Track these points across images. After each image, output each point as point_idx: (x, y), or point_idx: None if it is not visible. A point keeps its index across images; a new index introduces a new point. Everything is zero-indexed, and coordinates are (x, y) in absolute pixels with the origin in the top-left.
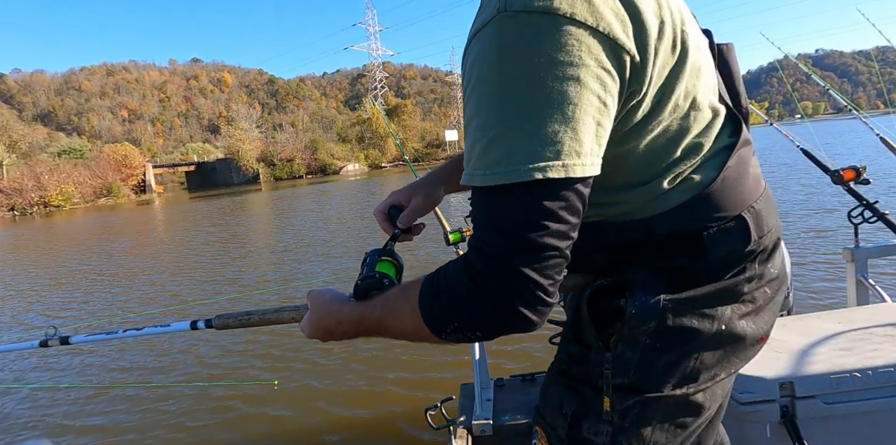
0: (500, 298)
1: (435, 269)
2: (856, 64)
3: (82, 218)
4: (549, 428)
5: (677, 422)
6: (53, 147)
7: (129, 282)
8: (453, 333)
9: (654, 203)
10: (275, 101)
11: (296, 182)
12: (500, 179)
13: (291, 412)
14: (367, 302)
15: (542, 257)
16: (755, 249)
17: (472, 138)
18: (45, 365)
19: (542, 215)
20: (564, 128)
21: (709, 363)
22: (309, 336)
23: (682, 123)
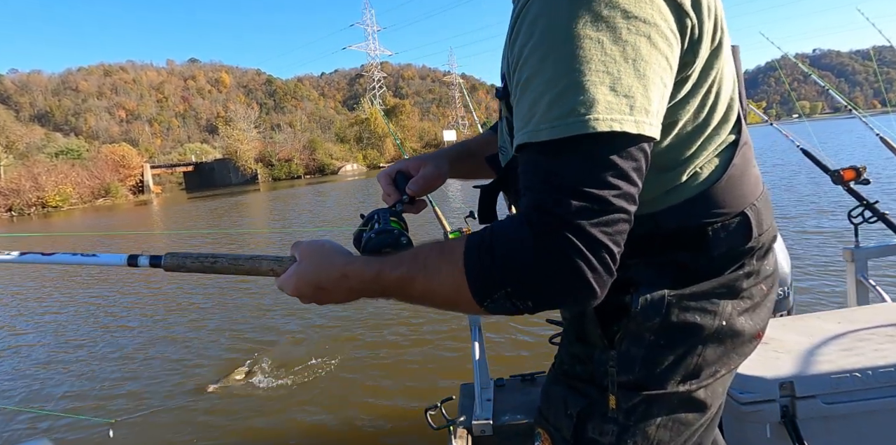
0: (567, 262)
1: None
2: (853, 64)
3: (80, 218)
4: (554, 429)
5: (681, 420)
6: (51, 147)
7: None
8: (501, 300)
9: (666, 196)
10: (273, 102)
11: (294, 182)
12: (573, 130)
13: (292, 412)
14: (386, 258)
15: (613, 220)
16: (755, 246)
17: (534, 94)
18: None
19: (614, 174)
20: (637, 84)
21: (710, 359)
22: (292, 291)
23: (710, 112)
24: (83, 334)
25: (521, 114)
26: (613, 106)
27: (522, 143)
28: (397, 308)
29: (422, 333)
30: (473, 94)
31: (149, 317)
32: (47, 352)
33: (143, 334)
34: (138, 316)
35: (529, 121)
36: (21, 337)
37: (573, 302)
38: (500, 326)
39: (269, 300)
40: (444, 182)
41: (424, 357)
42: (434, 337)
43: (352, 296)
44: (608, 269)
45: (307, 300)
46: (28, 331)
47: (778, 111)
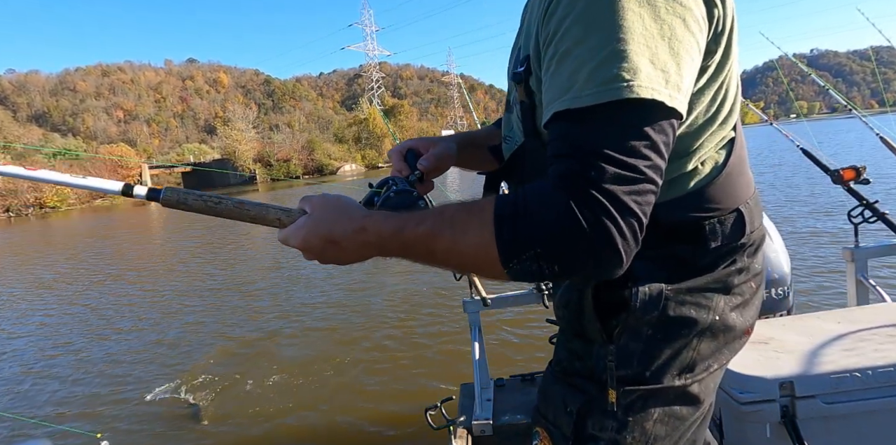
0: (599, 227)
1: (500, 195)
2: (850, 64)
3: (78, 219)
4: (553, 427)
5: (676, 415)
6: (49, 148)
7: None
8: (527, 262)
9: (668, 188)
10: (271, 102)
11: (293, 182)
12: (615, 95)
13: (291, 414)
14: (408, 214)
15: (644, 190)
16: (746, 242)
17: (575, 63)
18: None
19: (647, 145)
20: (671, 61)
21: (705, 353)
22: (299, 243)
23: (719, 106)
24: (74, 338)
25: (557, 84)
26: (652, 77)
27: (560, 111)
28: (397, 308)
29: (421, 333)
30: (472, 95)
31: (143, 320)
32: (36, 357)
33: (136, 338)
34: (132, 320)
35: (570, 89)
36: (14, 342)
37: (599, 268)
38: (501, 326)
39: (266, 302)
40: (452, 163)
41: (424, 357)
42: (434, 337)
43: (364, 253)
44: (636, 238)
45: (312, 255)
46: (20, 335)
47: (776, 111)
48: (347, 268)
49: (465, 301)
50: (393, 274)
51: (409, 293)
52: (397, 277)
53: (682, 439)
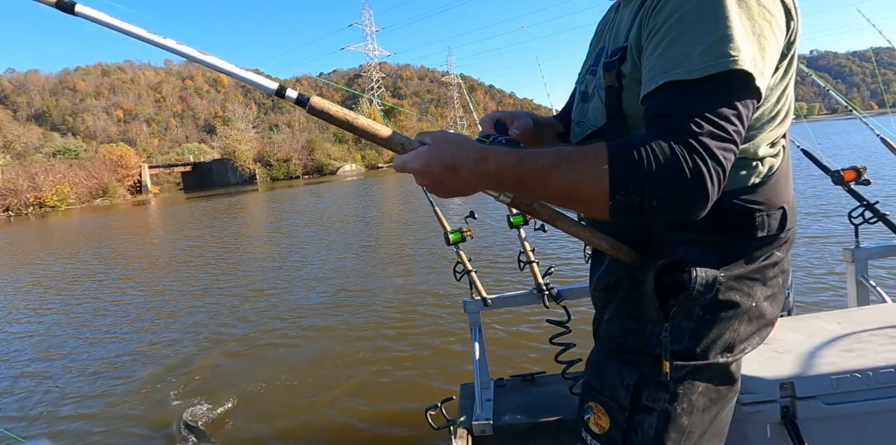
0: (696, 171)
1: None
2: (850, 65)
3: (78, 218)
4: (610, 401)
5: (717, 391)
6: (48, 147)
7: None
8: (631, 195)
9: (731, 181)
10: (271, 101)
11: (292, 182)
12: (723, 67)
13: (290, 413)
14: (526, 150)
15: (730, 149)
16: (783, 238)
17: (687, 46)
18: None
19: (735, 114)
20: (759, 53)
21: (743, 336)
22: (419, 167)
23: (781, 109)
24: (68, 339)
25: (666, 62)
26: (748, 58)
27: (671, 81)
28: (397, 308)
29: (421, 333)
30: (472, 95)
31: (134, 326)
32: (30, 358)
33: (129, 344)
34: (125, 326)
35: (681, 65)
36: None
37: (688, 207)
38: (501, 327)
39: (263, 303)
40: (532, 135)
41: (424, 357)
42: (434, 337)
43: (481, 182)
44: (720, 186)
45: (428, 179)
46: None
47: None
48: (347, 269)
49: (465, 301)
50: (392, 275)
51: (408, 293)
52: (397, 277)
53: (719, 414)
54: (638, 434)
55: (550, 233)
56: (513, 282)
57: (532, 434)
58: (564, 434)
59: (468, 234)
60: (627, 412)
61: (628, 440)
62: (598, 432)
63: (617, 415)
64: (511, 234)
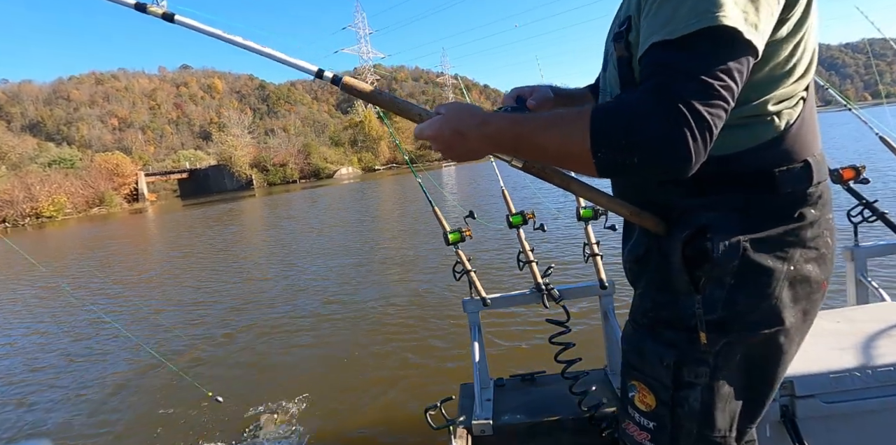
0: (677, 127)
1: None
2: (843, 56)
3: (76, 228)
4: (653, 380)
5: (764, 363)
6: (43, 157)
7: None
8: (613, 151)
9: (747, 137)
10: (266, 106)
11: (289, 187)
12: (704, 23)
13: (289, 413)
14: (522, 114)
15: (717, 105)
16: (813, 192)
17: (671, 8)
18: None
19: (723, 69)
20: (752, 5)
21: (787, 303)
22: (433, 133)
23: (797, 62)
24: (86, 345)
25: (655, 23)
26: (735, 13)
27: (657, 41)
28: (396, 308)
29: (421, 333)
30: (468, 95)
31: (135, 328)
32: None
33: (133, 345)
34: (111, 339)
35: (666, 25)
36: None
37: (671, 164)
38: (501, 326)
39: (264, 303)
40: (550, 106)
41: (424, 357)
42: (433, 337)
43: (484, 144)
44: (705, 143)
45: (441, 144)
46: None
47: None
48: (345, 270)
49: (464, 301)
50: (391, 275)
51: (408, 293)
52: (396, 278)
53: (769, 387)
54: (685, 408)
55: (550, 233)
56: (512, 282)
57: (532, 434)
58: (564, 433)
59: (467, 234)
60: (671, 390)
61: (675, 415)
62: (645, 409)
63: (661, 394)
64: (510, 234)
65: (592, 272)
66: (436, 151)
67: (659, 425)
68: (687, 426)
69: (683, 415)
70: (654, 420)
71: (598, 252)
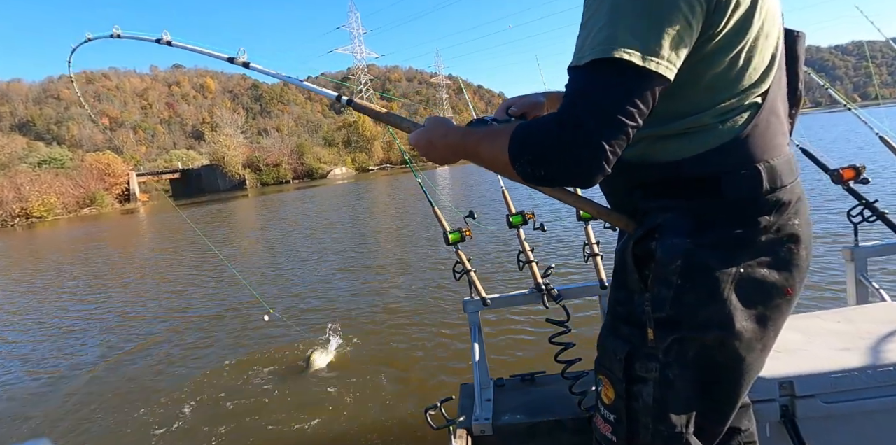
0: (573, 147)
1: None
2: (833, 59)
3: (66, 228)
4: (610, 373)
5: (717, 364)
6: (33, 157)
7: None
8: (525, 165)
9: (690, 143)
10: (259, 106)
11: (283, 187)
12: (598, 54)
13: (289, 413)
14: (473, 129)
15: (616, 129)
16: (769, 200)
17: (584, 32)
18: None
19: (622, 93)
20: (653, 34)
21: (737, 306)
22: (413, 142)
23: (740, 72)
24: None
25: (575, 48)
26: (632, 45)
27: (570, 66)
28: (396, 308)
29: (421, 333)
30: (461, 95)
31: (113, 345)
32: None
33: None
34: (97, 349)
35: (578, 51)
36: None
37: (572, 177)
38: (501, 326)
39: (260, 302)
40: (540, 110)
41: (424, 357)
42: (434, 337)
43: (448, 152)
44: (601, 159)
45: (420, 151)
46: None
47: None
48: (343, 270)
49: (464, 301)
50: (391, 275)
51: (407, 293)
52: (396, 277)
53: (728, 388)
54: (639, 402)
55: (550, 233)
56: (512, 282)
57: (532, 434)
58: (564, 433)
59: (467, 234)
60: (624, 383)
61: (631, 408)
62: (607, 403)
63: (618, 387)
64: (510, 234)
65: (592, 272)
66: (421, 155)
67: (618, 418)
68: (643, 420)
69: (639, 409)
70: (614, 413)
71: (597, 252)
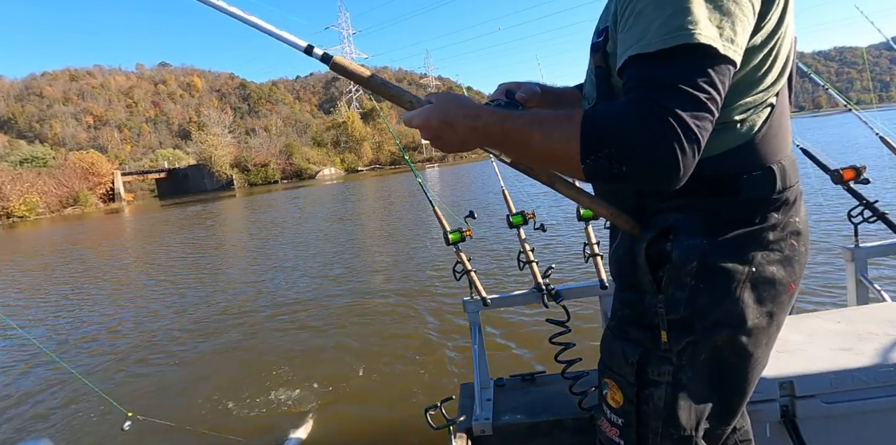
0: (665, 140)
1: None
2: (816, 64)
3: (48, 228)
4: (620, 377)
5: (729, 364)
6: (14, 155)
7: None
8: (601, 160)
9: (711, 144)
10: (247, 106)
11: (271, 187)
12: (679, 40)
13: (290, 413)
14: (511, 111)
15: (703, 117)
16: (778, 198)
17: (647, 20)
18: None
19: (706, 80)
20: (727, 19)
21: (749, 304)
22: (421, 122)
23: (768, 69)
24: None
25: (631, 36)
26: (710, 30)
27: (633, 55)
28: (396, 308)
29: (421, 333)
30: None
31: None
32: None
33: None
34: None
35: (642, 39)
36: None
37: (659, 175)
38: (501, 326)
39: (258, 301)
40: (537, 101)
41: (424, 357)
42: (433, 337)
43: (471, 136)
44: (694, 156)
45: (428, 132)
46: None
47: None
48: (342, 269)
49: (464, 300)
50: (391, 275)
51: (407, 293)
52: (396, 278)
53: (738, 388)
54: (650, 406)
55: (550, 233)
56: (512, 282)
57: (532, 434)
58: (564, 433)
59: (467, 234)
60: (635, 387)
61: (641, 412)
62: (615, 406)
63: (627, 391)
64: (510, 234)
65: (593, 272)
66: (423, 140)
67: (626, 422)
68: (652, 423)
69: (649, 413)
70: (622, 417)
71: (598, 252)
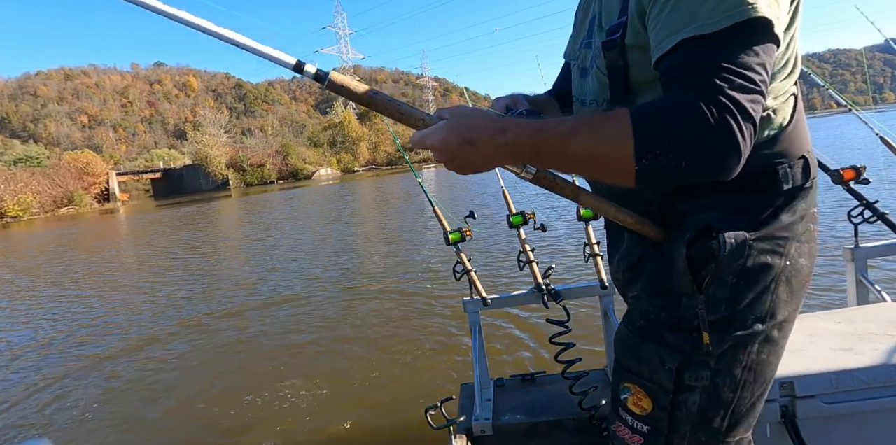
0: (726, 125)
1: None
2: (811, 66)
3: (43, 228)
4: (649, 383)
5: (761, 360)
6: (8, 155)
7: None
8: (659, 157)
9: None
10: (243, 106)
11: (267, 187)
12: (742, 16)
13: (290, 413)
14: (546, 120)
15: (758, 100)
16: (809, 187)
17: (694, 1)
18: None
19: (759, 62)
20: (776, 2)
21: (783, 298)
22: (437, 143)
23: (790, 57)
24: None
25: (676, 20)
26: (764, 5)
27: (687, 37)
28: (396, 308)
29: (421, 333)
30: (447, 97)
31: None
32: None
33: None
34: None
35: (695, 20)
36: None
37: (719, 164)
38: (500, 326)
39: (256, 299)
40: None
41: (424, 357)
42: (433, 337)
43: (500, 154)
44: (751, 139)
45: (446, 154)
46: None
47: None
48: (342, 268)
49: (465, 300)
50: (391, 275)
51: (407, 293)
52: (395, 278)
53: (765, 383)
54: (683, 411)
55: (550, 233)
56: (512, 282)
57: (532, 434)
58: (564, 433)
59: (468, 234)
60: (671, 394)
61: (673, 418)
62: (639, 413)
63: (660, 397)
64: (510, 234)
65: (593, 272)
66: (438, 161)
67: (654, 429)
68: (682, 429)
69: (681, 418)
70: (649, 424)
71: (598, 252)
